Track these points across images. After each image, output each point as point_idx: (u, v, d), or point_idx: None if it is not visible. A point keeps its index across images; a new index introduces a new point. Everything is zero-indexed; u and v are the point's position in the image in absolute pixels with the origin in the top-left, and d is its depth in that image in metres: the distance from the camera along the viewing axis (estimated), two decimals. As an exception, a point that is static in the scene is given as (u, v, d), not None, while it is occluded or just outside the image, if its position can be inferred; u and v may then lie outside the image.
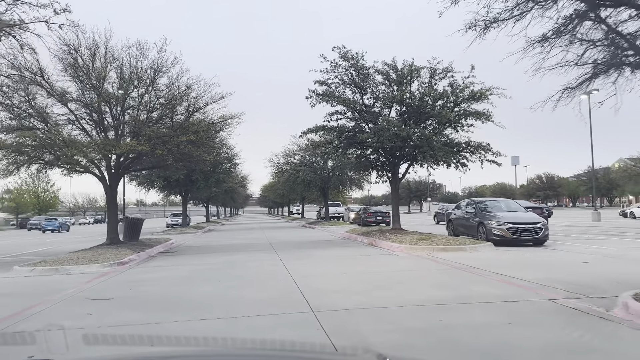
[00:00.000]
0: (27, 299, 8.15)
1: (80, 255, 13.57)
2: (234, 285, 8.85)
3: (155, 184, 34.48)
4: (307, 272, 10.34)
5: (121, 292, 8.69)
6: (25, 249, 21.30)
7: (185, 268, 11.96)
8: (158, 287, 8.98)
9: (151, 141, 15.43)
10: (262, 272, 10.61)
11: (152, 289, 8.90)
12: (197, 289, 8.55)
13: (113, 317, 6.42)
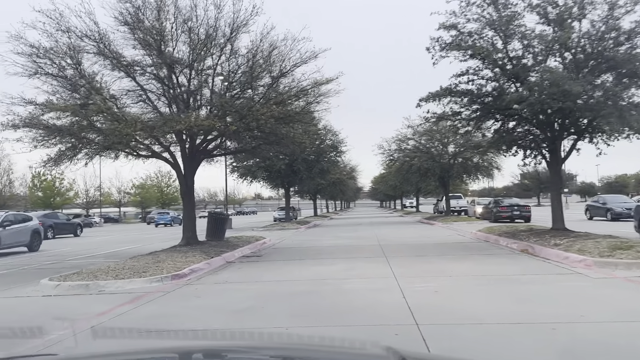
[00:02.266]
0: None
1: (133, 262, 10.47)
2: (306, 334, 4.79)
3: (257, 175, 31.93)
4: (446, 309, 5.98)
5: (122, 341, 5.12)
6: (110, 247, 19.42)
7: (252, 289, 8.20)
8: (178, 339, 5.20)
9: (225, 115, 12.00)
10: (363, 308, 6.41)
11: (169, 340, 5.18)
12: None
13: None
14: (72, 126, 11.22)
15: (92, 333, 5.37)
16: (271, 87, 13.29)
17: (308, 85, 13.49)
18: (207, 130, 12.66)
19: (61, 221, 29.52)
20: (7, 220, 17.01)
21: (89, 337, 5.26)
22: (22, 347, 4.98)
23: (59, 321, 6.14)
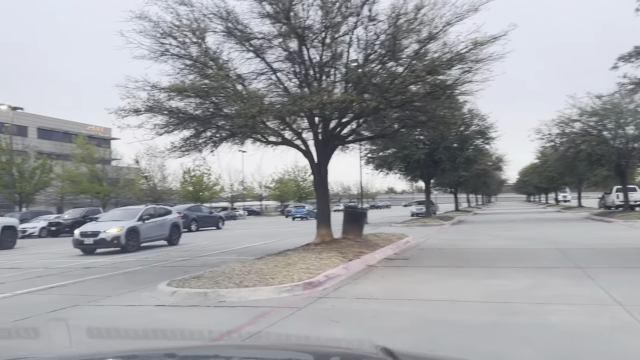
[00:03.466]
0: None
1: (261, 265, 8.88)
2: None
3: (394, 166, 29.61)
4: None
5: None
6: (245, 241, 18.65)
7: (407, 313, 5.94)
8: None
9: (363, 90, 9.94)
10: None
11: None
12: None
13: None
14: (195, 110, 10.06)
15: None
16: (417, 54, 10.88)
17: (464, 49, 10.82)
18: (343, 110, 10.70)
19: (204, 214, 30.29)
20: (147, 213, 17.01)
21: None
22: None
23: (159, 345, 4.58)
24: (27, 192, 41.33)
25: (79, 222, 28.70)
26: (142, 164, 55.44)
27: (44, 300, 7.75)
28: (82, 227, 16.18)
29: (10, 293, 8.43)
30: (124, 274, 10.59)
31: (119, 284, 9.24)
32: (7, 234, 19.51)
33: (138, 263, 12.65)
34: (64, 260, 14.03)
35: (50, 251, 17.72)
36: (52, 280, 9.89)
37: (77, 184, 47.26)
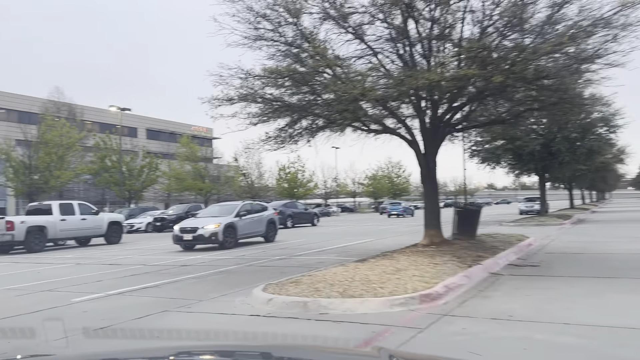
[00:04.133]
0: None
1: (366, 270, 7.68)
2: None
3: (503, 159, 27.08)
4: None
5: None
6: (342, 239, 17.60)
7: (574, 347, 4.42)
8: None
9: (484, 64, 8.37)
10: None
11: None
12: None
13: None
14: (290, 97, 9.13)
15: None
16: (549, 20, 9.05)
17: (610, 11, 8.83)
18: (456, 91, 9.20)
19: (299, 210, 29.87)
20: (244, 210, 16.60)
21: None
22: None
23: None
24: (135, 189, 43.83)
25: (182, 217, 29.52)
26: (240, 161, 57.04)
27: (134, 303, 7.20)
28: (181, 223, 16.13)
29: (103, 293, 8.03)
30: (219, 274, 9.96)
31: (212, 285, 8.56)
32: (113, 229, 20.20)
33: (234, 261, 12.08)
34: (163, 257, 13.90)
35: (152, 247, 17.97)
36: (147, 280, 9.49)
37: (181, 181, 49.46)
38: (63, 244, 20.06)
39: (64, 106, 51.40)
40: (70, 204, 19.49)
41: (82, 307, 7.08)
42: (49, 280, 9.87)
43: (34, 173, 34.93)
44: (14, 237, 16.70)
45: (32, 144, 35.34)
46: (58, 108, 49.47)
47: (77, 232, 19.09)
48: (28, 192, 34.60)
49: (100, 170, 42.98)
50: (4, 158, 34.30)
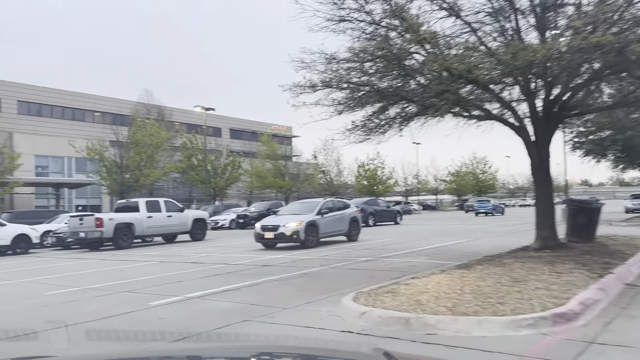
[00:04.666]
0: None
1: (477, 281, 6.49)
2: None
3: (609, 151, 24.23)
4: None
5: None
6: (430, 239, 16.26)
7: None
8: None
9: (617, 32, 6.85)
10: None
11: None
12: None
13: None
14: (380, 80, 8.09)
15: None
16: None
17: None
18: (576, 66, 7.70)
19: (381, 208, 28.70)
20: (325, 207, 15.80)
21: None
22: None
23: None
24: (220, 186, 44.85)
25: (263, 215, 29.48)
26: (319, 159, 56.85)
27: (213, 310, 6.55)
28: (262, 221, 15.65)
29: (182, 296, 7.49)
30: (302, 277, 9.17)
31: (296, 290, 7.76)
32: (198, 226, 20.27)
33: (317, 262, 11.28)
34: (245, 256, 13.44)
35: (234, 244, 17.72)
36: (229, 281, 8.91)
37: (262, 178, 50.09)
38: (150, 241, 20.44)
39: (153, 108, 53.93)
40: (156, 201, 19.79)
41: (159, 312, 6.54)
42: (130, 280, 9.61)
43: (125, 172, 36.61)
44: (102, 233, 17.10)
45: (124, 145, 37.08)
46: (148, 110, 51.97)
47: (163, 229, 19.31)
48: (120, 191, 36.32)
49: (187, 168, 44.46)
50: (98, 158, 36.24)
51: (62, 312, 6.81)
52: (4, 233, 16.82)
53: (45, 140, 47.96)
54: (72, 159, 47.02)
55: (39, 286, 9.36)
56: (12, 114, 53.11)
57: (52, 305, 7.34)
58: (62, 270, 11.92)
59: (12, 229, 17.24)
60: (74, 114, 58.95)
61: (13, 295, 8.46)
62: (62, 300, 7.62)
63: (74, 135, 44.14)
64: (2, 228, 16.96)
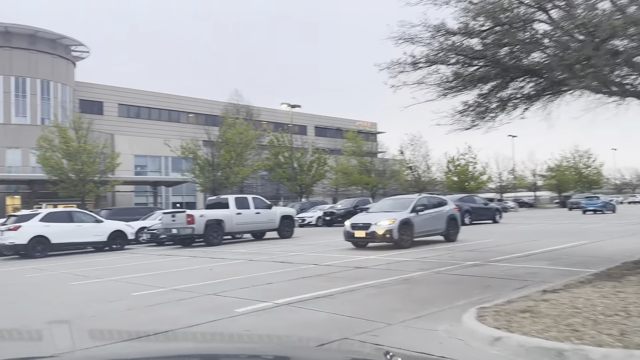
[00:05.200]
0: None
1: (631, 294, 5.04)
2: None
3: None
4: None
5: None
6: (542, 241, 14.37)
7: None
8: None
9: None
10: None
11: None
12: None
13: None
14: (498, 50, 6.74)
15: None
16: None
17: None
18: None
19: (478, 205, 26.64)
20: (420, 204, 14.50)
21: None
22: None
23: None
24: (306, 183, 44.71)
25: (350, 212, 28.62)
26: (406, 154, 55.01)
27: (304, 321, 5.66)
28: (352, 219, 14.68)
29: (271, 302, 6.70)
30: (402, 283, 8.05)
31: (399, 300, 6.68)
32: (285, 223, 19.79)
33: (415, 265, 10.09)
34: (335, 255, 12.56)
35: (322, 242, 16.95)
36: (320, 285, 8.03)
37: (348, 175, 49.36)
38: (240, 238, 20.31)
39: (242, 108, 55.13)
40: (245, 198, 19.57)
41: (245, 322, 5.77)
42: (218, 280, 9.05)
43: (216, 170, 37.52)
44: (194, 230, 17.08)
45: (215, 144, 38.00)
46: (237, 110, 53.18)
47: (252, 225, 19.04)
48: (212, 188, 37.26)
49: (274, 166, 44.82)
50: (191, 157, 37.43)
51: (142, 318, 6.28)
52: (101, 230, 17.34)
53: (143, 141, 50.67)
54: (169, 158, 49.22)
55: (126, 286, 9.08)
56: (113, 117, 56.74)
57: (135, 308, 6.86)
58: (152, 268, 11.75)
59: (109, 226, 17.75)
60: (169, 116, 61.92)
61: (100, 296, 8.18)
62: (146, 303, 7.14)
63: (169, 135, 46.08)
64: (99, 225, 17.50)
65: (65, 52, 51.24)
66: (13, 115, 46.53)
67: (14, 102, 46.89)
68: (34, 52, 47.95)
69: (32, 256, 15.53)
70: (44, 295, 8.61)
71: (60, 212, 17.95)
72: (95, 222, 17.56)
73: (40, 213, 16.68)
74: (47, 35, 48.85)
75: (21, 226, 15.62)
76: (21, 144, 41.41)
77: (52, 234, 16.04)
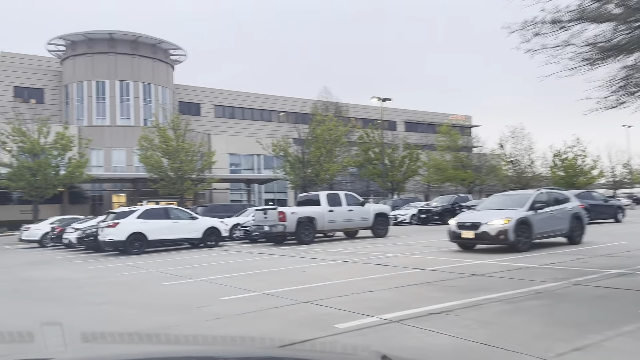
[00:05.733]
0: None
1: None
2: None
3: None
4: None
5: None
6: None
7: None
8: None
9: None
10: None
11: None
12: None
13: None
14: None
15: None
16: None
17: None
18: None
19: (597, 202, 23.58)
20: (539, 200, 12.62)
21: None
22: None
23: None
24: (397, 180, 43.08)
25: (447, 210, 26.80)
26: (506, 148, 51.31)
27: (425, 347, 4.49)
28: (458, 217, 13.14)
29: (377, 317, 5.58)
30: (537, 297, 6.55)
31: (540, 322, 5.26)
32: (379, 221, 18.60)
33: (544, 273, 8.46)
34: (440, 259, 11.18)
35: (421, 243, 15.54)
36: (432, 295, 6.79)
37: (442, 171, 47.01)
38: (331, 236, 19.46)
39: (331, 105, 54.65)
40: (336, 194, 18.67)
41: (348, 342, 4.72)
42: (313, 285, 8.12)
43: (306, 167, 37.19)
44: (285, 227, 16.46)
45: (305, 141, 37.71)
46: (326, 107, 52.78)
47: (344, 223, 18.09)
48: (302, 185, 36.98)
49: (364, 162, 43.67)
50: (282, 154, 37.44)
51: (229, 330, 5.46)
52: (196, 226, 17.28)
53: (237, 140, 51.91)
54: (261, 157, 50.02)
55: (216, 288, 8.44)
56: (209, 117, 58.84)
57: (223, 317, 6.08)
58: (244, 268, 11.14)
59: (204, 223, 17.66)
60: (261, 115, 63.14)
61: (188, 300, 7.57)
62: (235, 311, 6.34)
63: (262, 134, 46.74)
64: (195, 221, 17.46)
65: (164, 56, 53.87)
66: (118, 117, 49.72)
67: (119, 105, 50.06)
68: (136, 57, 50.85)
69: (130, 253, 15.75)
70: (133, 296, 8.20)
71: (157, 208, 18.18)
72: (190, 219, 17.56)
73: (138, 210, 16.91)
74: (148, 40, 51.60)
75: (119, 223, 15.90)
76: (125, 145, 43.99)
77: (149, 230, 16.18)
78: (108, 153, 44.75)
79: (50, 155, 30.20)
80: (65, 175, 30.85)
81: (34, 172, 29.22)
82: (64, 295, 8.60)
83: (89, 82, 49.50)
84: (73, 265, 14.20)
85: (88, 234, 18.01)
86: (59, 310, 7.15)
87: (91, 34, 49.61)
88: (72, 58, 50.33)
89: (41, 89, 51.03)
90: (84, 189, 43.49)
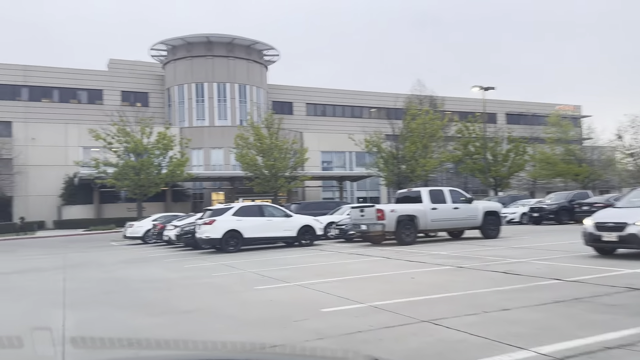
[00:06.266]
0: None
1: None
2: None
3: None
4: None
5: None
6: None
7: None
8: None
9: None
10: None
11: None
12: None
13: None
14: None
15: None
16: None
17: None
18: None
19: None
20: None
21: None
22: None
23: None
24: (501, 175, 39.91)
25: (564, 208, 23.89)
26: (625, 139, 45.79)
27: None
28: (596, 216, 11.02)
29: (531, 352, 4.16)
30: None
31: None
32: (490, 220, 16.66)
33: None
34: (576, 265, 9.30)
35: (541, 245, 13.46)
36: (594, 319, 5.19)
37: (552, 165, 42.91)
38: (434, 236, 17.85)
39: (426, 98, 52.30)
40: (440, 190, 17.03)
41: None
42: (428, 297, 6.79)
43: (401, 163, 35.55)
44: (384, 227, 15.17)
45: (399, 136, 36.09)
46: (420, 100, 50.56)
47: (449, 222, 16.42)
48: (397, 181, 35.39)
49: (464, 157, 40.98)
50: (375, 150, 36.12)
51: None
52: (290, 224, 16.56)
53: (329, 138, 51.39)
54: (353, 154, 49.09)
55: (315, 296, 7.41)
56: (301, 115, 58.99)
57: (327, 337, 4.98)
58: (343, 271, 10.05)
59: (298, 220, 16.91)
60: (352, 112, 62.25)
61: (283, 309, 6.59)
62: (340, 330, 5.22)
63: (353, 131, 45.72)
64: (289, 219, 16.75)
65: (258, 56, 54.78)
66: (216, 118, 51.31)
67: (217, 106, 51.66)
68: (232, 59, 52.14)
69: (226, 250, 15.36)
70: (224, 303, 7.39)
71: (252, 206, 17.74)
72: (285, 217, 16.90)
73: (233, 207, 16.53)
74: (242, 41, 52.73)
75: (215, 220, 15.57)
76: (223, 144, 45.11)
77: (245, 228, 15.70)
78: (207, 152, 46.21)
79: (153, 154, 31.39)
80: (166, 173, 31.94)
81: (138, 170, 30.51)
82: (153, 299, 8.04)
83: (189, 84, 51.62)
84: (169, 263, 14.02)
85: (186, 231, 18.00)
86: (142, 319, 6.46)
87: (190, 37, 51.69)
88: (173, 62, 52.81)
89: (146, 93, 54.13)
90: (185, 187, 45.25)
